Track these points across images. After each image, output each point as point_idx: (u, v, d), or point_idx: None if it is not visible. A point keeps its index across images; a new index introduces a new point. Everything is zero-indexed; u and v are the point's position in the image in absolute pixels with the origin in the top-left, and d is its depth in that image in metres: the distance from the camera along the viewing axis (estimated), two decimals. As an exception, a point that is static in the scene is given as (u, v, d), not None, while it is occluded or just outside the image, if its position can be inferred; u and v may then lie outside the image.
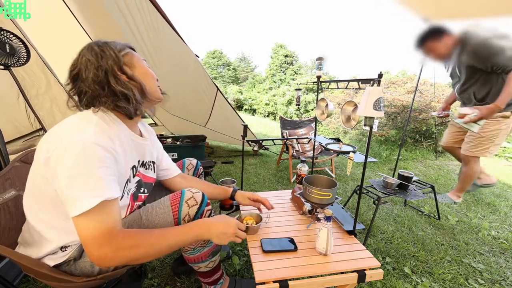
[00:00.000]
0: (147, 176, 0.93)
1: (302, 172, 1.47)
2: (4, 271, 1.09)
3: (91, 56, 0.73)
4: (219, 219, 0.81)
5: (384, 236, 1.65)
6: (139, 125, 0.94)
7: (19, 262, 0.68)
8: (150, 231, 0.71)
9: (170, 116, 3.55)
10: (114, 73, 0.74)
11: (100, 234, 0.63)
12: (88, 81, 0.72)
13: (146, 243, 0.68)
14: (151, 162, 0.97)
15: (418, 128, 4.34)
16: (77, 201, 0.62)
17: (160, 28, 2.07)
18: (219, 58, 26.50)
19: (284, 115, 8.83)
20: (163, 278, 1.23)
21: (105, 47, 0.75)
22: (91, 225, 0.63)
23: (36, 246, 0.74)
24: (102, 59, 0.73)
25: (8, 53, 1.29)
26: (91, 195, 0.62)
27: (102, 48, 0.74)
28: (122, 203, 0.79)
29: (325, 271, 0.88)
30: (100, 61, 0.73)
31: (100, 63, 0.73)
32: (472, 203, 2.23)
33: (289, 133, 3.28)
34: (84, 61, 0.72)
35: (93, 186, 0.63)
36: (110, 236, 0.63)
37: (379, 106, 0.94)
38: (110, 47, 0.75)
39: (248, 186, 2.44)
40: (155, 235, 0.70)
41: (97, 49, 0.74)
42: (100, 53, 0.73)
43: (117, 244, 0.64)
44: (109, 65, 0.73)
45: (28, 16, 1.71)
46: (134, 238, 0.67)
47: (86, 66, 0.72)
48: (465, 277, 1.32)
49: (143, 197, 0.92)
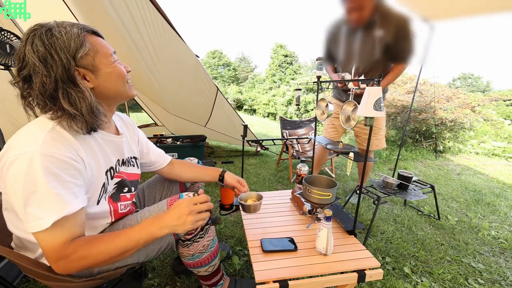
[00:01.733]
0: (130, 174, 0.89)
1: (302, 172, 1.47)
2: (4, 271, 1.09)
3: (35, 60, 0.59)
4: (171, 208, 0.71)
5: (384, 236, 1.65)
6: (115, 119, 0.87)
7: (18, 263, 0.68)
8: (100, 237, 0.67)
9: (170, 116, 3.55)
10: (65, 85, 0.62)
11: (55, 249, 0.61)
12: (36, 91, 0.61)
13: (95, 252, 0.64)
14: (132, 158, 0.92)
15: (418, 128, 4.34)
16: (34, 220, 0.58)
17: (160, 28, 2.07)
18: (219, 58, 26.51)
19: (284, 115, 8.83)
20: (163, 278, 1.23)
21: (54, 45, 0.60)
22: (47, 241, 0.60)
23: (29, 250, 0.73)
24: (50, 67, 0.60)
25: (9, 53, 1.29)
26: (49, 213, 0.58)
27: (50, 48, 0.59)
28: (101, 209, 0.76)
29: (325, 271, 0.88)
30: (48, 67, 0.60)
31: (48, 71, 0.60)
32: (472, 203, 2.24)
33: (289, 133, 3.28)
34: (31, 64, 0.60)
35: (49, 204, 0.58)
36: (62, 250, 0.61)
37: (379, 106, 0.94)
38: (57, 44, 0.60)
39: (248, 186, 2.43)
40: (104, 242, 0.66)
41: (43, 49, 0.59)
42: (46, 55, 0.59)
43: (69, 256, 0.62)
44: (59, 74, 0.60)
45: (28, 16, 1.71)
46: (83, 248, 0.64)
47: (34, 70, 0.60)
48: (465, 277, 1.33)
49: (128, 196, 0.87)
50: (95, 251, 0.65)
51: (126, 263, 0.79)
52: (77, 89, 0.63)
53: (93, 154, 0.71)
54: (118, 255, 0.67)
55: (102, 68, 0.68)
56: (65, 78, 0.61)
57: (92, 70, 0.66)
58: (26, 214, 0.58)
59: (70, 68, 0.62)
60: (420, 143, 4.40)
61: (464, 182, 2.83)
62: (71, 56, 0.62)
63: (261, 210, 1.30)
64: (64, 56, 0.61)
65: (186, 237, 0.84)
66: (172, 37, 2.15)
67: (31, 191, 0.57)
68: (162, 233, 0.68)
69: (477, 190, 2.57)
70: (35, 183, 0.57)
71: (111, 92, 0.72)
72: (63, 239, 0.61)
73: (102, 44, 0.69)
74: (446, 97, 4.59)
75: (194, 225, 0.70)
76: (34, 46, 0.59)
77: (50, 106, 0.63)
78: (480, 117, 4.66)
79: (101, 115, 0.69)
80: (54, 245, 0.61)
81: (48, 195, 0.58)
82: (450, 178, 2.95)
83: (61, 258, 0.62)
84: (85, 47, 0.64)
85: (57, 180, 0.59)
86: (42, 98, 0.62)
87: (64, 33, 0.61)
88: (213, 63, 26.13)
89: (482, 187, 2.67)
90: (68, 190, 0.61)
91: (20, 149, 0.58)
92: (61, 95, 0.62)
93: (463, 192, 2.51)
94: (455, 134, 4.35)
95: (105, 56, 0.69)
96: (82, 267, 0.65)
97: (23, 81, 0.63)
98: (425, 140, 4.41)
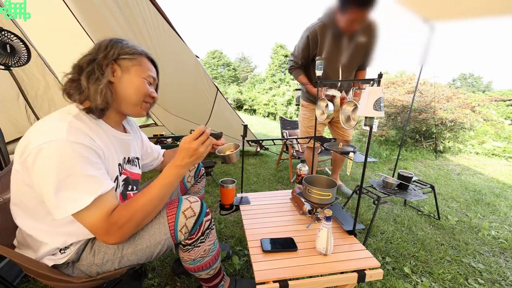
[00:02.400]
0: (133, 173, 0.92)
1: (302, 172, 1.47)
2: (4, 271, 1.09)
3: (96, 47, 0.75)
4: (179, 151, 0.77)
5: (384, 236, 1.65)
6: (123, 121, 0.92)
7: (19, 263, 0.68)
8: (136, 196, 0.73)
9: (170, 116, 3.55)
10: (95, 66, 0.72)
11: (99, 223, 0.65)
12: (76, 65, 0.74)
13: (139, 206, 0.71)
14: (136, 158, 0.95)
15: (418, 128, 4.34)
16: (70, 202, 0.62)
17: (160, 28, 2.07)
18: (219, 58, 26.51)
19: (284, 115, 8.83)
20: (163, 278, 1.23)
21: (114, 45, 0.75)
22: (90, 218, 0.65)
23: (32, 249, 0.73)
24: (98, 52, 0.74)
25: (9, 53, 1.29)
26: (87, 193, 0.63)
27: (109, 44, 0.75)
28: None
29: (325, 271, 0.88)
30: (97, 52, 0.74)
31: (95, 54, 0.74)
32: (472, 203, 2.24)
33: (289, 133, 3.28)
34: (90, 50, 0.75)
35: (83, 185, 0.63)
36: (107, 222, 0.66)
37: (379, 106, 0.94)
38: (118, 46, 0.75)
39: (248, 186, 2.44)
40: (142, 196, 0.72)
41: (106, 43, 0.76)
42: (102, 47, 0.74)
43: (116, 224, 0.67)
44: (99, 58, 0.73)
45: (28, 16, 1.71)
46: (126, 210, 0.69)
47: (87, 53, 0.75)
48: (465, 277, 1.33)
49: (132, 194, 0.89)
50: (139, 206, 0.71)
51: (126, 264, 0.79)
52: (100, 72, 0.73)
53: (107, 146, 0.76)
54: (160, 202, 0.75)
55: (132, 74, 0.77)
56: (101, 63, 0.73)
57: (123, 70, 0.76)
58: (59, 199, 0.61)
59: (109, 58, 0.73)
60: (420, 143, 4.40)
61: (464, 182, 2.83)
62: (118, 53, 0.75)
63: (261, 210, 1.30)
64: (113, 51, 0.74)
65: (187, 242, 0.83)
66: (172, 37, 2.15)
67: (66, 175, 0.61)
68: (185, 171, 0.78)
69: (477, 190, 2.57)
70: (69, 168, 0.61)
71: (123, 95, 0.78)
72: (104, 213, 0.66)
73: (148, 66, 0.81)
74: (446, 97, 4.59)
75: (207, 151, 0.79)
76: (103, 41, 0.76)
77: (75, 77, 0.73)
78: (480, 117, 4.66)
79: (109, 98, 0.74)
80: (97, 220, 0.65)
81: (83, 177, 0.63)
82: (450, 178, 2.95)
83: (109, 229, 0.67)
84: (133, 56, 0.77)
85: (88, 163, 0.65)
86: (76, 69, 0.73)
87: (129, 44, 0.78)
88: (213, 63, 26.13)
89: (482, 187, 2.67)
90: (99, 171, 0.67)
91: (44, 139, 0.61)
92: (86, 71, 0.72)
93: (463, 192, 2.51)
94: (455, 134, 4.35)
95: (142, 71, 0.79)
96: (132, 227, 0.71)
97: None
98: (425, 140, 4.41)
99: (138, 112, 0.83)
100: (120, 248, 0.77)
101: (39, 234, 0.71)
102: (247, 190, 2.34)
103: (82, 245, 0.77)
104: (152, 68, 0.84)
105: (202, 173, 1.26)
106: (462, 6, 1.91)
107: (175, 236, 0.80)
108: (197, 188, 1.26)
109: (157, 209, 0.76)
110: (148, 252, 0.79)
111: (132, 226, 0.71)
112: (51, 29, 2.43)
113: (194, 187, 1.25)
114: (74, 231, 0.73)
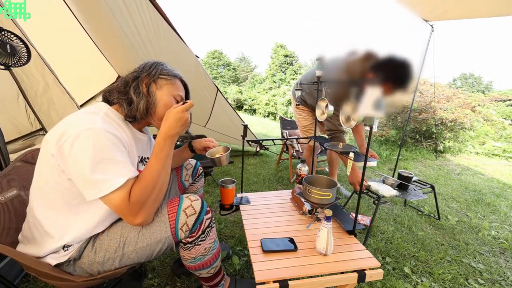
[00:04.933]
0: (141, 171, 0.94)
1: (302, 172, 1.47)
2: (4, 271, 1.09)
3: (141, 66, 0.87)
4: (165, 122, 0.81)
5: (384, 236, 1.65)
6: None
7: (20, 261, 0.68)
8: (141, 177, 0.76)
9: (170, 116, 3.55)
10: (139, 82, 0.83)
11: (124, 204, 0.70)
12: (122, 79, 0.86)
13: (150, 183, 0.75)
14: (147, 158, 0.98)
15: (418, 128, 4.34)
16: (105, 182, 0.67)
17: (160, 28, 2.07)
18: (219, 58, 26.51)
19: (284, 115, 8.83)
20: (163, 278, 1.23)
21: (156, 66, 0.87)
22: (116, 199, 0.70)
23: (37, 244, 0.74)
24: (143, 71, 0.85)
25: (9, 53, 1.29)
26: (119, 176, 0.69)
27: (153, 65, 0.87)
28: None
29: (325, 271, 0.88)
30: (142, 71, 0.85)
31: (139, 72, 0.85)
32: (472, 203, 2.24)
33: (289, 133, 3.28)
34: (136, 68, 0.87)
35: (117, 168, 0.70)
36: (127, 203, 0.71)
37: (379, 106, 0.94)
38: (159, 68, 0.86)
39: (248, 186, 2.44)
40: (146, 170, 0.77)
41: (150, 64, 0.87)
42: (147, 67, 0.86)
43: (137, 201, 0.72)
44: (142, 76, 0.84)
45: (28, 16, 1.71)
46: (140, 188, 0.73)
47: (134, 70, 0.87)
48: (465, 277, 1.33)
49: None
50: (149, 181, 0.75)
51: (126, 262, 0.79)
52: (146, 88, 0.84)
53: (130, 142, 0.84)
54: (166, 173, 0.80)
55: (163, 92, 0.86)
56: (143, 79, 0.84)
57: (157, 87, 0.86)
58: (94, 180, 0.67)
59: (152, 77, 0.85)
60: (420, 143, 4.40)
61: (464, 182, 2.83)
62: (158, 74, 0.86)
63: (261, 210, 1.30)
64: (154, 71, 0.85)
65: (188, 240, 0.84)
66: (172, 37, 2.15)
67: (100, 159, 0.67)
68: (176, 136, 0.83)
69: (477, 190, 2.57)
70: (103, 152, 0.68)
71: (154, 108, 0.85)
72: (125, 195, 0.71)
73: (179, 86, 0.91)
74: (446, 97, 4.59)
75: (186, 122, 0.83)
76: (148, 62, 0.89)
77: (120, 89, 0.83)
78: (480, 117, 4.66)
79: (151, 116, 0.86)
80: (122, 201, 0.70)
81: (116, 161, 0.70)
82: (450, 178, 2.95)
83: (132, 209, 0.72)
84: (169, 77, 0.87)
85: (119, 151, 0.73)
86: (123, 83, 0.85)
87: (168, 68, 0.89)
88: (213, 63, 26.13)
89: (482, 187, 2.67)
90: (127, 159, 0.75)
91: (80, 127, 0.68)
92: (134, 84, 0.83)
93: (463, 192, 2.51)
94: (455, 134, 4.35)
95: (173, 89, 0.88)
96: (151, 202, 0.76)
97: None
98: (425, 140, 4.41)
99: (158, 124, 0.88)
100: (121, 246, 0.77)
101: (49, 223, 0.73)
102: (247, 190, 2.34)
103: (84, 243, 0.77)
104: (182, 89, 0.92)
105: (200, 172, 1.26)
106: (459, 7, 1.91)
107: (175, 234, 0.81)
108: (196, 187, 1.26)
109: (166, 180, 0.80)
110: (149, 251, 0.80)
111: (150, 202, 0.75)
112: (51, 29, 2.43)
113: (193, 187, 1.25)
114: (81, 225, 0.75)
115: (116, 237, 0.78)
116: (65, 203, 0.73)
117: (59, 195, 0.72)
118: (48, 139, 0.70)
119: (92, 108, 0.79)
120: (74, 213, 0.74)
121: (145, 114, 0.83)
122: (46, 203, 0.73)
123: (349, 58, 1.30)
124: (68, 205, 0.73)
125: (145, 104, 0.82)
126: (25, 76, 1.99)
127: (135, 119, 0.84)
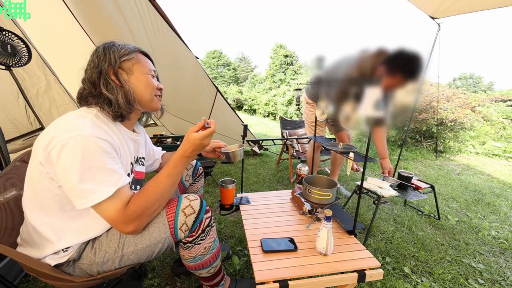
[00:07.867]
0: (138, 172, 0.95)
1: (302, 172, 1.47)
2: (4, 271, 1.09)
3: (95, 57, 0.78)
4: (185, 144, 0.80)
5: (384, 236, 1.65)
6: None
7: (20, 262, 0.68)
8: (146, 185, 0.76)
9: (170, 116, 3.55)
10: (106, 76, 0.77)
11: (118, 214, 0.69)
12: (86, 80, 0.78)
13: (153, 197, 0.75)
14: (142, 158, 0.98)
15: (418, 128, 4.34)
16: (94, 192, 0.65)
17: (159, 29, 2.07)
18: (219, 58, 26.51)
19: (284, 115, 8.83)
20: (163, 278, 1.23)
21: (109, 50, 0.78)
22: (110, 209, 0.68)
23: (36, 247, 0.74)
24: (101, 61, 0.77)
25: (10, 53, 1.29)
26: (109, 185, 0.67)
27: (106, 50, 0.78)
28: None
29: (325, 271, 0.88)
30: (99, 62, 0.77)
31: (98, 65, 0.77)
32: (472, 203, 2.24)
33: (289, 133, 3.28)
34: (89, 61, 0.79)
35: (106, 176, 0.67)
36: (124, 213, 0.70)
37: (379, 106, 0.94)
38: (113, 50, 0.78)
39: (248, 186, 2.44)
40: (151, 185, 0.76)
41: (101, 51, 0.78)
42: (101, 55, 0.78)
43: (133, 213, 0.71)
44: (104, 67, 0.77)
45: (28, 16, 1.71)
46: (139, 198, 0.73)
47: (89, 65, 0.78)
48: (465, 277, 1.33)
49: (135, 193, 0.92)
50: (152, 195, 0.75)
51: (126, 263, 0.79)
52: (116, 80, 0.78)
53: (122, 144, 0.81)
54: (171, 189, 0.79)
55: (136, 73, 0.81)
56: (109, 71, 0.77)
57: (127, 72, 0.80)
58: (83, 189, 0.65)
59: (115, 64, 0.77)
60: (420, 143, 4.40)
61: (464, 182, 2.83)
62: (118, 57, 0.78)
63: (261, 210, 1.30)
64: (113, 56, 0.77)
65: (187, 240, 0.83)
66: (172, 38, 2.15)
67: (89, 167, 0.65)
68: (192, 159, 0.83)
69: (477, 190, 2.57)
70: (92, 160, 0.65)
71: (136, 95, 0.82)
72: (121, 205, 0.70)
73: (145, 60, 0.85)
74: (447, 97, 4.59)
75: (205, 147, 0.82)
76: (96, 50, 0.79)
77: (91, 91, 0.77)
78: (480, 117, 4.65)
79: (135, 104, 0.81)
80: (116, 211, 0.69)
81: (105, 170, 0.67)
82: (450, 178, 2.95)
83: (127, 219, 0.71)
84: (130, 56, 0.80)
85: (110, 157, 0.70)
86: (88, 84, 0.77)
87: (121, 45, 0.80)
88: (213, 63, 26.13)
89: (482, 187, 2.67)
90: (118, 165, 0.72)
91: (68, 133, 0.65)
92: (102, 81, 0.77)
93: (463, 192, 2.51)
94: (455, 134, 4.35)
95: (142, 67, 0.83)
96: (148, 215, 0.75)
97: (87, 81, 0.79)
98: (425, 140, 4.41)
99: (155, 106, 0.88)
100: (120, 247, 0.77)
101: (46, 229, 0.72)
102: (247, 190, 2.34)
103: (84, 244, 0.77)
104: (149, 61, 0.87)
105: (200, 172, 1.26)
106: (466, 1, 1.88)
107: (175, 234, 0.80)
108: (196, 187, 1.26)
109: (170, 196, 0.80)
110: (148, 251, 0.80)
111: (148, 214, 0.75)
112: (51, 29, 2.43)
113: (193, 187, 1.25)
114: (79, 228, 0.75)
115: (116, 238, 0.78)
116: (59, 209, 0.72)
117: (52, 201, 0.71)
118: (38, 145, 0.68)
119: (81, 111, 0.75)
120: (70, 217, 0.73)
121: (128, 106, 0.79)
122: (40, 209, 0.72)
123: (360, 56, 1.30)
124: (62, 210, 0.72)
125: (123, 96, 0.78)
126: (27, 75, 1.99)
127: (124, 117, 0.80)
